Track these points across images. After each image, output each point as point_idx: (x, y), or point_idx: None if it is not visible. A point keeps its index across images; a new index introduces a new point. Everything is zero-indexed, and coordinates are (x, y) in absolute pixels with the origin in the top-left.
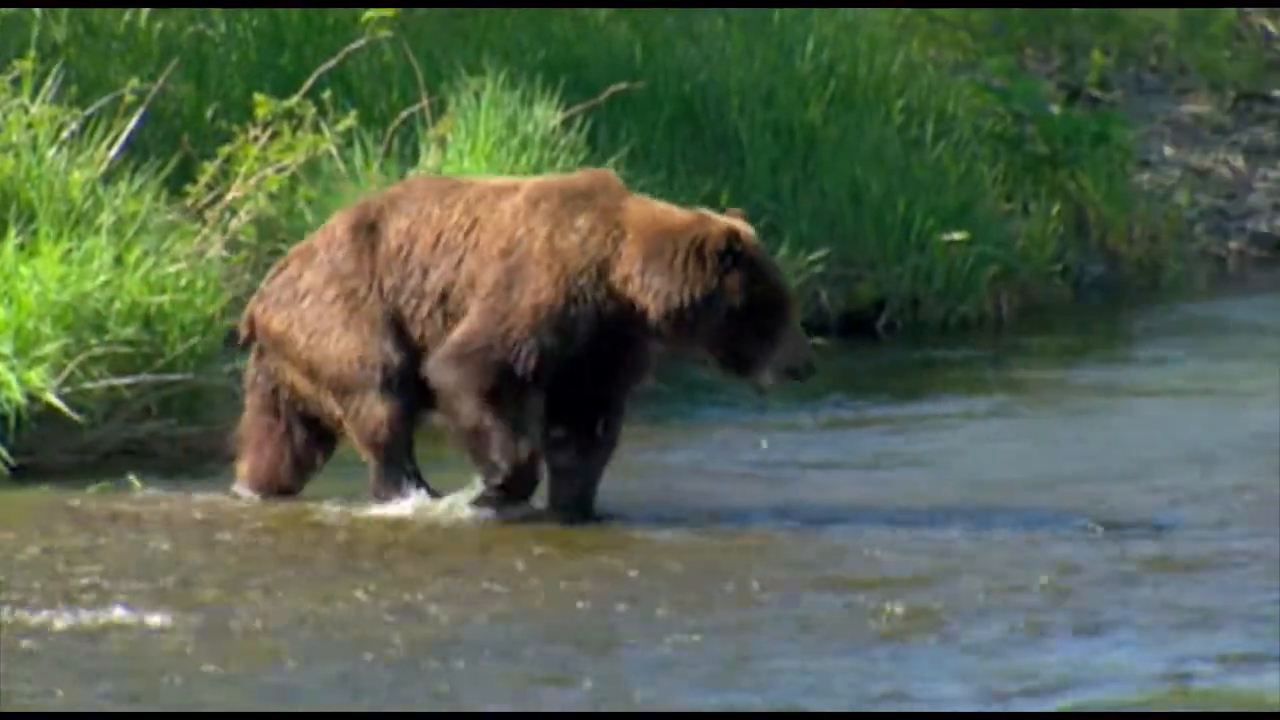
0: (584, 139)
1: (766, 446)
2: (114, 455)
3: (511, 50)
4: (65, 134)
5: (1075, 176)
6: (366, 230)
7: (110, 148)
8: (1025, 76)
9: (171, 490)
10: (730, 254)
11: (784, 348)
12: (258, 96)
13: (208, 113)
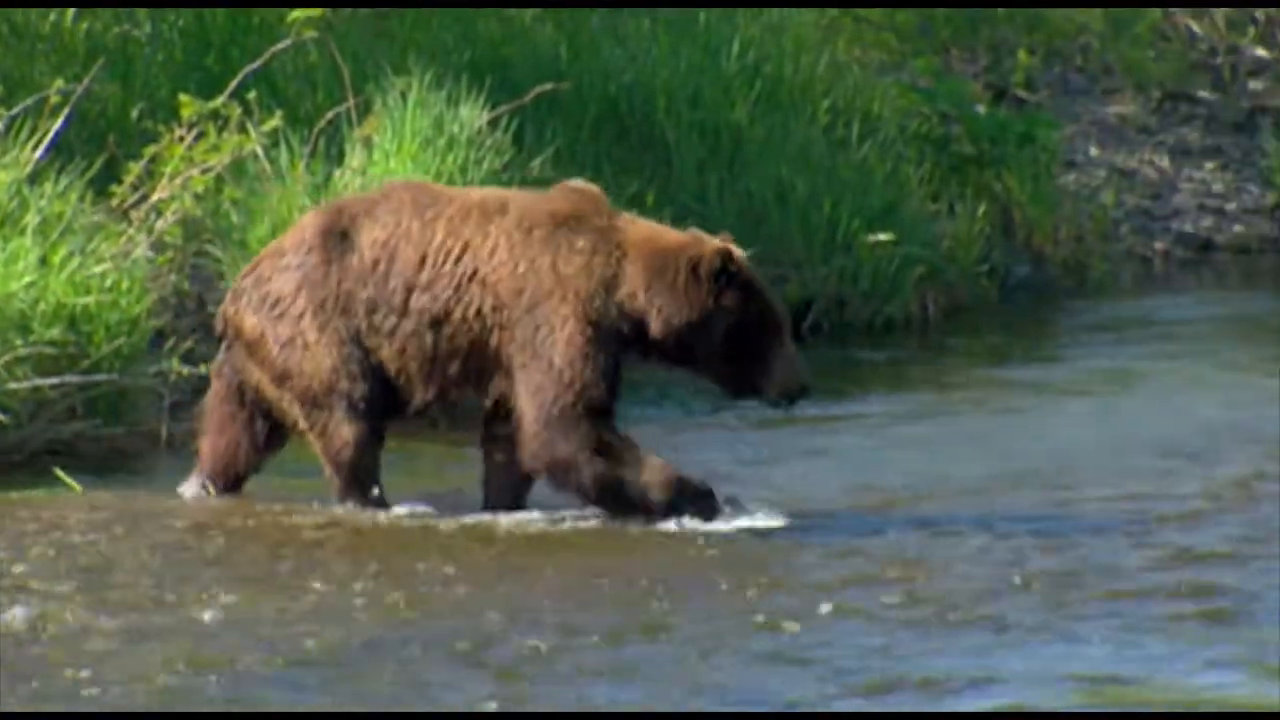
0: (510, 139)
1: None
2: (39, 455)
3: (437, 51)
4: None
5: (1001, 177)
6: (338, 238)
7: (35, 149)
8: (951, 77)
9: (97, 490)
10: (725, 274)
11: (779, 369)
12: (183, 97)
13: (133, 113)
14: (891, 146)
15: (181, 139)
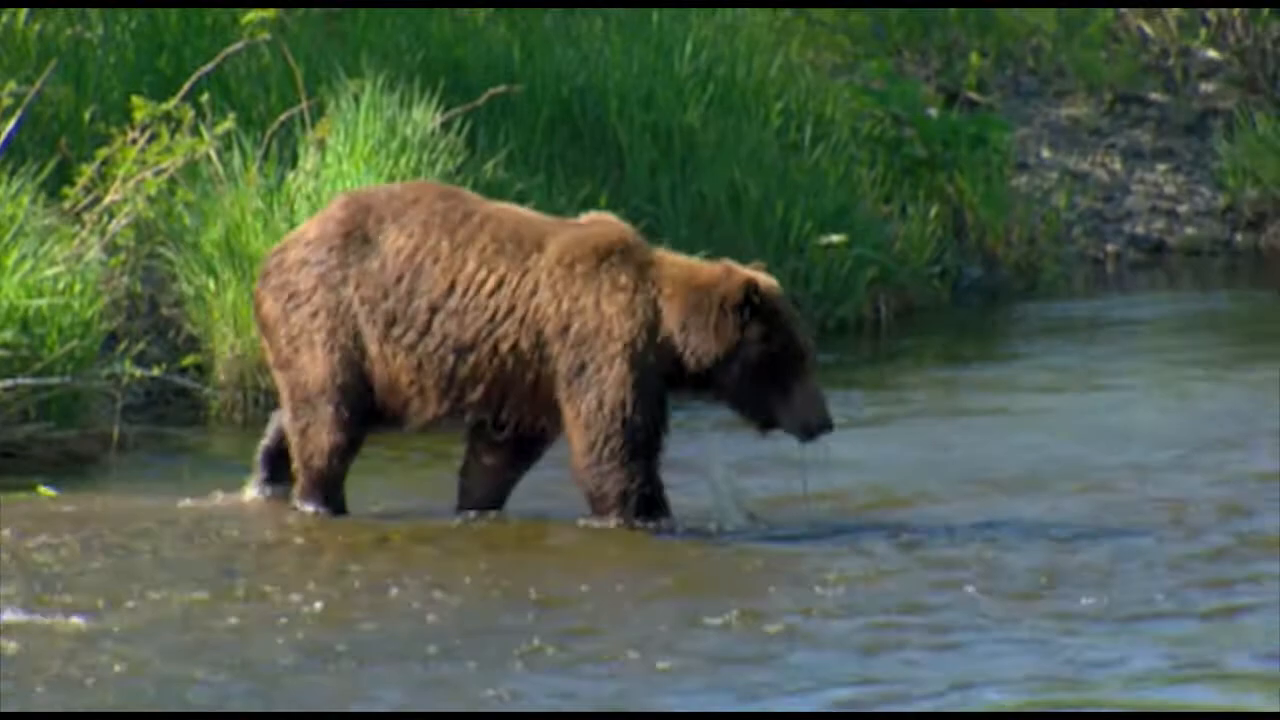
0: (463, 141)
1: None
2: None
3: (390, 52)
4: None
5: (953, 179)
6: (360, 240)
7: None
8: (903, 79)
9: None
10: (749, 306)
11: (800, 403)
12: (136, 99)
13: (86, 115)
14: (844, 149)
15: (134, 141)
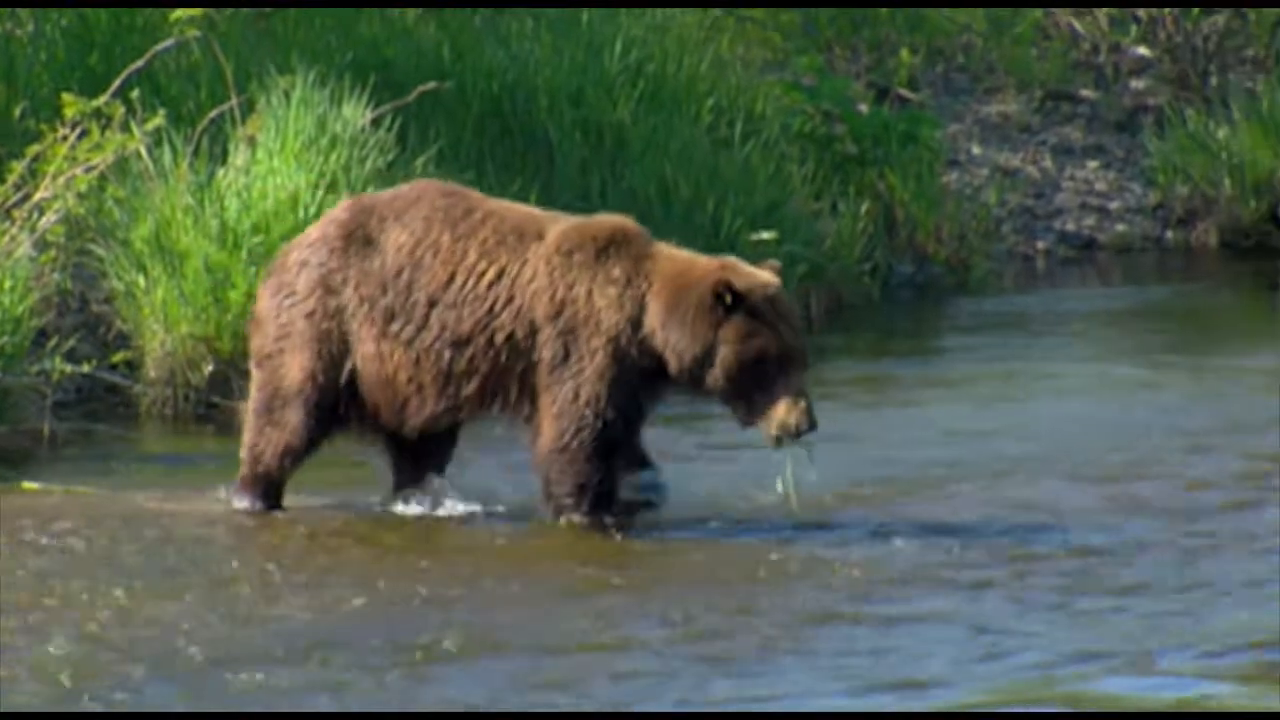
0: (393, 138)
1: None
2: None
3: (320, 50)
4: None
5: (884, 176)
6: (361, 241)
7: None
8: (834, 76)
9: None
10: (721, 305)
11: (782, 403)
12: (66, 96)
13: (16, 112)
14: (774, 145)
15: (65, 138)
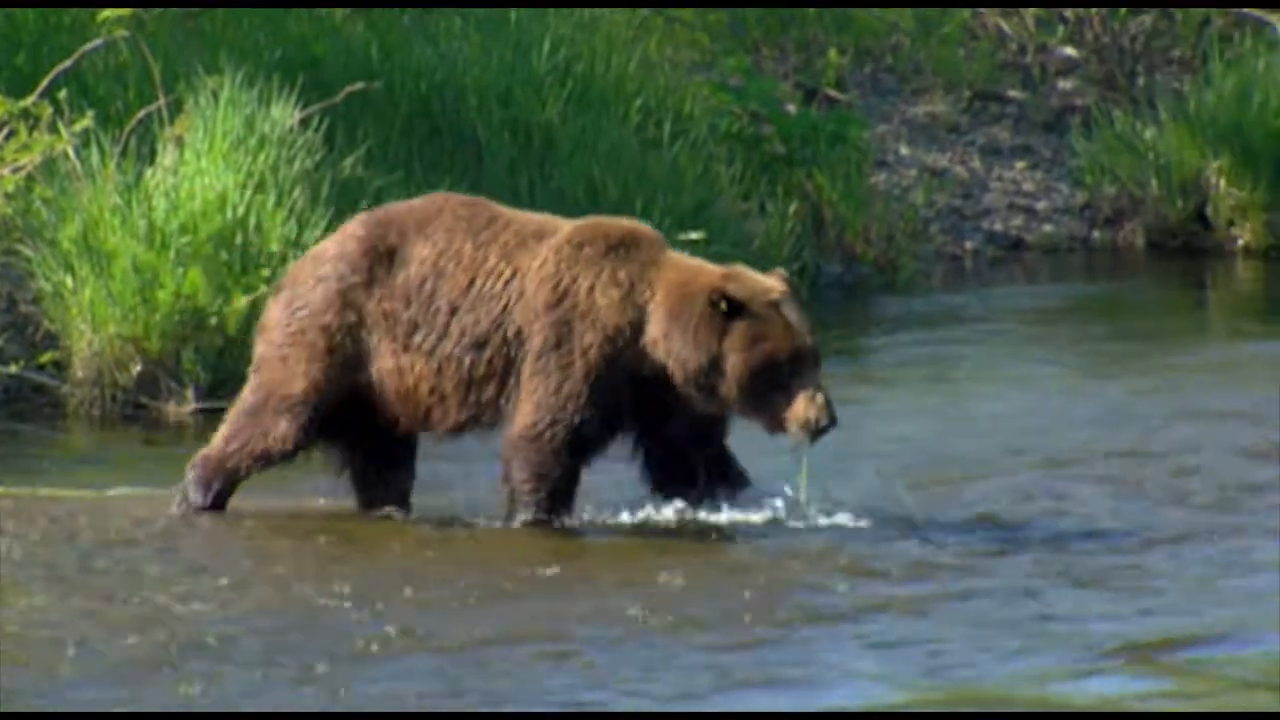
0: (321, 138)
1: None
2: None
3: (248, 49)
4: None
5: (812, 176)
6: (384, 256)
7: None
8: (762, 76)
9: None
10: (718, 311)
11: (801, 403)
12: None
13: None
14: (703, 146)
15: None
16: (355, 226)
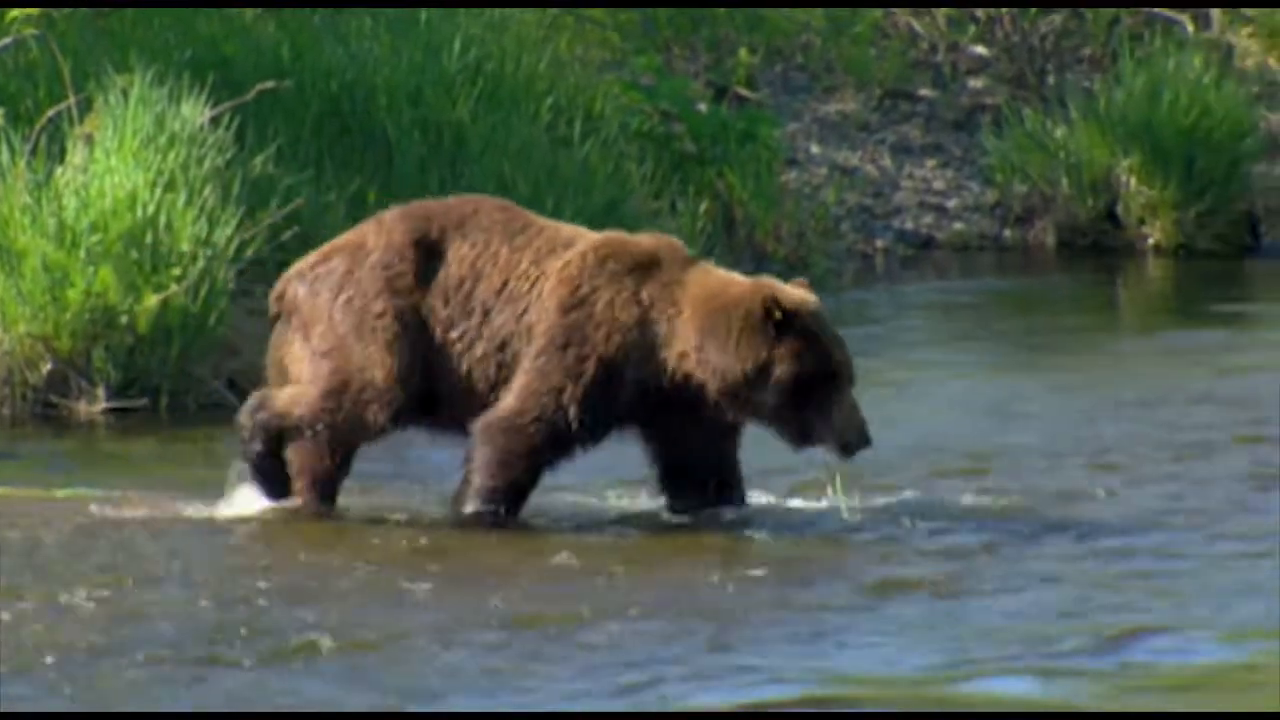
0: (231, 137)
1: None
2: None
3: (158, 48)
4: None
5: (723, 174)
6: (428, 250)
7: None
8: (672, 75)
9: None
10: (772, 322)
11: (839, 418)
12: None
13: None
14: (613, 144)
15: None
16: (393, 220)
